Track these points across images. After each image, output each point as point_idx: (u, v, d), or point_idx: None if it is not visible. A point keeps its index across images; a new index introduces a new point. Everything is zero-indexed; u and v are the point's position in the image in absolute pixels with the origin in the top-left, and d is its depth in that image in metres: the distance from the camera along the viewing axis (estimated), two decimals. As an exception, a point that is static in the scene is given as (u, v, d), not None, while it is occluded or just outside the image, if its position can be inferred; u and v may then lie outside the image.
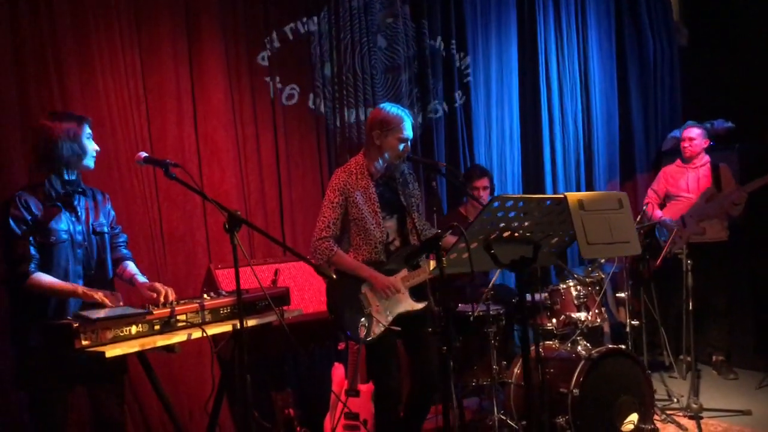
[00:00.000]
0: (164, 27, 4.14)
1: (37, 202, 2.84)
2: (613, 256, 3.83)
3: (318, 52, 4.71)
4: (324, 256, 3.38)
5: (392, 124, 3.38)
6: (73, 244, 2.92)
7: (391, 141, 3.39)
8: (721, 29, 6.28)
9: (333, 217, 3.40)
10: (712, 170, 5.23)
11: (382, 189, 3.49)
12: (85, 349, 2.40)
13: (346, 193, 3.40)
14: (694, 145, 5.27)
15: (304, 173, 4.67)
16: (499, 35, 5.59)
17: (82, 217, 2.99)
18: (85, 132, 2.96)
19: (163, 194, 4.14)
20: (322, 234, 3.39)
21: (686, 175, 5.34)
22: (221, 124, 4.31)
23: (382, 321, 3.33)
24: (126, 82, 4.00)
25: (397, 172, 3.51)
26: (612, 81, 6.16)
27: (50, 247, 2.83)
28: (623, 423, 3.78)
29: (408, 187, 3.56)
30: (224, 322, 2.89)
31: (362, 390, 3.97)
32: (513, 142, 5.65)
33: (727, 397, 4.79)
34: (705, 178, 5.25)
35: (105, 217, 3.10)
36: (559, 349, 4.10)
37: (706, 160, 5.31)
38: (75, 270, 2.91)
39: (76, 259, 2.93)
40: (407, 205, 3.48)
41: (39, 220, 2.81)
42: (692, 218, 5.10)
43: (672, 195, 5.38)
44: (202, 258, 4.23)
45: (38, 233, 2.80)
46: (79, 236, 2.95)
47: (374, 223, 3.40)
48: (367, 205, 3.40)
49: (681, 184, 5.34)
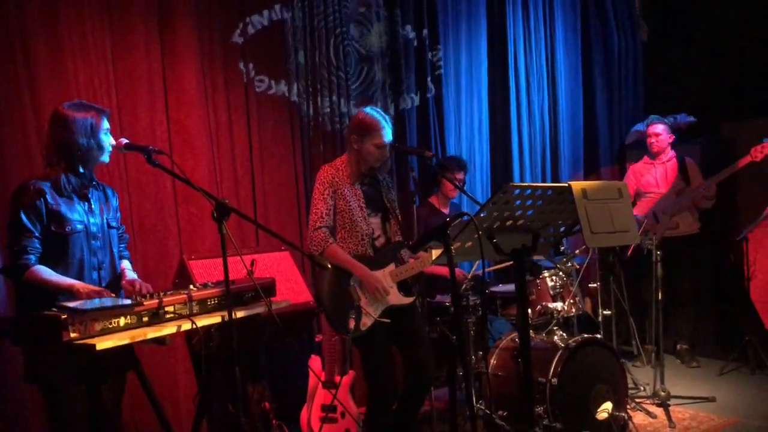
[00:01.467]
0: (136, 10, 3.99)
1: (53, 193, 2.76)
2: (615, 244, 3.89)
3: (292, 40, 4.63)
4: (319, 246, 3.36)
5: (369, 129, 3.38)
6: (88, 235, 2.86)
7: (368, 147, 3.39)
8: (680, 25, 6.43)
9: (325, 208, 3.39)
10: (679, 164, 5.35)
11: (368, 187, 3.50)
12: (74, 341, 2.29)
13: (334, 186, 3.40)
14: (661, 140, 5.38)
15: (278, 162, 4.59)
16: (469, 27, 5.60)
17: (97, 209, 2.93)
18: (103, 126, 2.87)
19: (133, 183, 4.01)
20: (317, 224, 3.37)
21: (654, 171, 5.45)
22: (193, 110, 4.20)
23: (371, 313, 3.31)
24: (96, 66, 3.86)
25: (381, 174, 3.52)
26: (577, 74, 6.25)
27: (65, 237, 2.76)
28: (598, 411, 3.84)
29: (390, 191, 3.58)
30: (212, 313, 2.81)
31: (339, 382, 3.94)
32: (482, 134, 5.68)
33: (691, 385, 4.92)
34: (672, 172, 5.37)
35: (115, 212, 3.06)
36: (535, 339, 4.14)
37: (672, 155, 5.42)
38: (90, 262, 2.87)
39: (92, 251, 2.87)
40: (389, 205, 3.50)
41: (54, 211, 2.74)
42: (664, 213, 5.20)
43: (642, 192, 5.47)
44: (173, 249, 4.12)
45: (53, 223, 2.73)
46: (94, 227, 2.89)
47: (361, 216, 3.40)
48: (354, 200, 3.40)
49: (650, 180, 5.44)
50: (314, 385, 3.97)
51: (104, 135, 2.88)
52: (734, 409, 4.45)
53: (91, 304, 2.39)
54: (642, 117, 6.17)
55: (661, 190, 5.35)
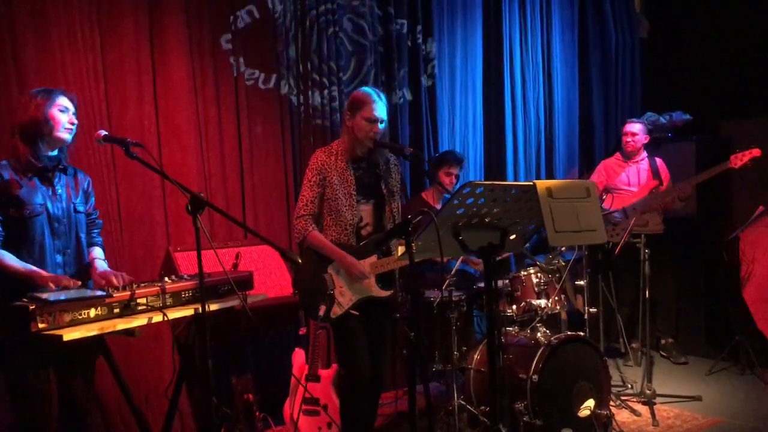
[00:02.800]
0: (125, 2, 4.01)
1: (11, 175, 2.82)
2: (580, 243, 3.87)
3: (283, 33, 4.63)
4: (300, 234, 3.40)
5: (359, 103, 3.39)
6: (50, 218, 2.91)
7: (359, 121, 3.39)
8: (681, 22, 6.38)
9: (311, 196, 3.40)
10: (651, 165, 5.32)
11: (363, 173, 3.49)
12: (42, 332, 2.32)
13: (323, 173, 3.40)
14: (636, 140, 5.35)
15: (267, 156, 4.60)
16: (464, 21, 5.58)
17: (63, 194, 2.98)
18: (53, 103, 2.92)
19: (120, 174, 4.04)
20: (300, 212, 3.41)
21: (626, 170, 5.42)
22: (182, 103, 4.22)
23: (343, 303, 3.33)
24: (84, 57, 3.88)
25: (381, 158, 3.50)
26: (573, 71, 6.22)
27: (25, 221, 2.82)
28: (580, 408, 3.84)
29: (392, 176, 3.56)
30: (185, 306, 2.84)
31: (323, 375, 3.96)
32: (476, 129, 5.66)
33: (678, 384, 4.91)
34: (645, 171, 5.36)
35: (83, 197, 3.10)
36: (519, 335, 4.14)
37: (644, 155, 5.41)
38: (53, 245, 2.92)
39: (54, 234, 2.93)
40: (387, 193, 3.48)
41: (12, 194, 2.80)
42: (635, 210, 5.17)
43: (611, 188, 5.44)
44: (160, 240, 4.15)
45: (12, 206, 2.79)
46: (58, 211, 2.94)
47: (347, 204, 3.39)
48: (342, 187, 3.39)
49: (622, 178, 5.42)
50: (298, 377, 3.98)
51: (57, 112, 2.93)
52: (720, 409, 4.44)
53: (61, 295, 2.42)
54: (639, 114, 6.13)
55: (632, 188, 5.34)
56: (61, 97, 2.97)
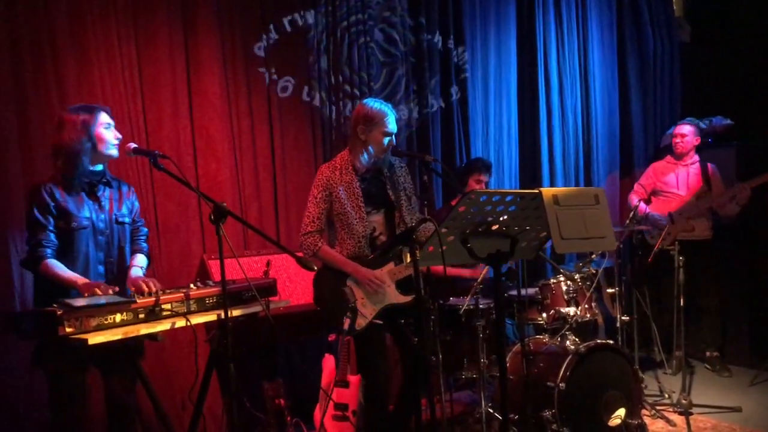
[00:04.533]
0: (160, 18, 4.16)
1: (61, 191, 2.97)
2: (587, 250, 3.84)
3: (314, 45, 4.72)
4: (309, 251, 3.46)
5: (376, 118, 3.44)
6: (95, 231, 3.04)
7: (376, 135, 3.44)
8: (723, 26, 6.27)
9: (317, 212, 3.47)
10: (702, 169, 5.23)
11: (369, 184, 3.54)
12: (69, 336, 2.44)
13: (329, 189, 3.47)
14: (686, 142, 5.27)
15: (299, 166, 4.69)
16: (498, 29, 5.59)
17: (106, 206, 3.11)
18: (97, 121, 3.04)
19: (158, 185, 4.17)
20: (307, 229, 3.48)
21: (676, 172, 5.34)
22: (217, 115, 4.34)
23: (366, 314, 3.38)
24: (122, 73, 4.03)
25: (385, 166, 3.56)
26: (612, 76, 6.16)
27: (72, 233, 2.96)
28: (610, 417, 3.80)
29: (398, 181, 3.59)
30: (209, 311, 2.92)
31: (351, 381, 4.01)
32: (511, 137, 5.65)
33: (718, 394, 4.80)
34: (695, 176, 5.26)
35: (128, 208, 3.23)
36: (549, 343, 4.12)
37: (696, 159, 5.32)
38: (96, 256, 3.05)
39: (98, 246, 3.06)
40: (395, 199, 3.51)
41: (62, 208, 2.94)
42: (681, 215, 5.09)
43: (659, 191, 5.38)
44: (196, 248, 4.27)
45: (61, 219, 2.94)
46: (101, 224, 3.07)
47: (357, 217, 3.44)
48: (350, 200, 3.44)
49: (670, 180, 5.34)
50: (327, 383, 4.05)
51: (102, 129, 3.05)
52: (760, 421, 4.32)
53: (87, 301, 2.53)
54: (678, 119, 6.03)
55: (680, 191, 5.25)
56: (102, 114, 3.08)
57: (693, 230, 5.06)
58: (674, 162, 5.39)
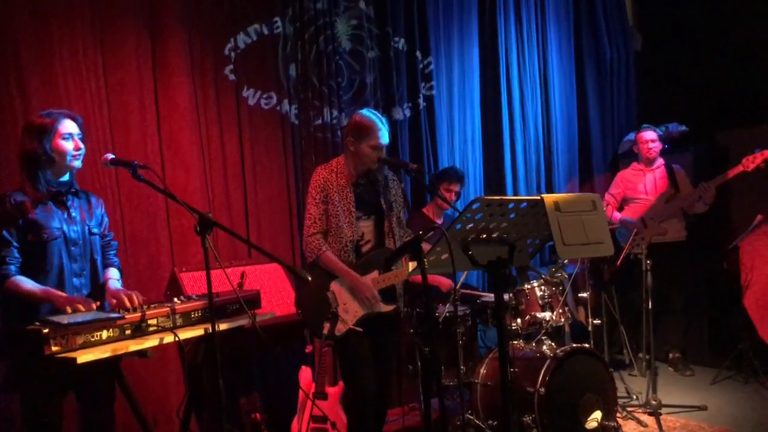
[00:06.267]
0: (127, 26, 4.07)
1: (28, 201, 2.82)
2: (588, 256, 3.91)
3: (283, 54, 4.68)
4: (313, 253, 3.42)
5: (365, 131, 3.42)
6: (68, 242, 2.91)
7: (365, 148, 3.42)
8: (673, 35, 6.44)
9: (318, 213, 3.43)
10: (668, 172, 5.37)
11: (362, 190, 3.51)
12: (55, 355, 2.33)
13: (326, 190, 3.44)
14: (656, 146, 5.41)
15: (270, 175, 4.63)
16: (461, 38, 5.64)
17: (77, 217, 2.98)
18: (55, 130, 2.88)
19: (125, 196, 4.06)
20: (311, 230, 3.43)
21: (643, 178, 5.47)
22: (185, 124, 4.25)
23: (347, 320, 3.35)
24: (87, 81, 3.92)
25: (380, 175, 3.53)
26: (571, 84, 6.28)
27: (43, 245, 2.82)
28: (587, 420, 3.85)
29: (390, 192, 3.58)
30: (195, 326, 2.84)
31: (330, 393, 3.96)
32: (475, 145, 5.71)
33: (684, 394, 4.92)
34: (662, 180, 5.39)
35: (97, 220, 3.10)
36: (525, 348, 4.16)
37: (661, 163, 5.46)
38: (71, 268, 2.92)
39: (72, 258, 2.93)
40: (386, 209, 3.50)
41: (30, 219, 2.80)
42: (653, 219, 5.22)
43: (630, 198, 5.50)
44: (165, 261, 4.17)
45: (30, 232, 2.79)
46: (73, 234, 2.94)
47: (347, 222, 3.42)
48: (342, 204, 3.42)
49: (639, 187, 5.47)
50: (305, 395, 3.99)
51: (61, 140, 2.89)
52: (726, 418, 4.44)
53: (73, 318, 2.43)
54: (635, 126, 6.19)
55: (650, 197, 5.38)
56: (64, 122, 2.92)
57: (666, 233, 5.18)
58: (641, 168, 5.52)
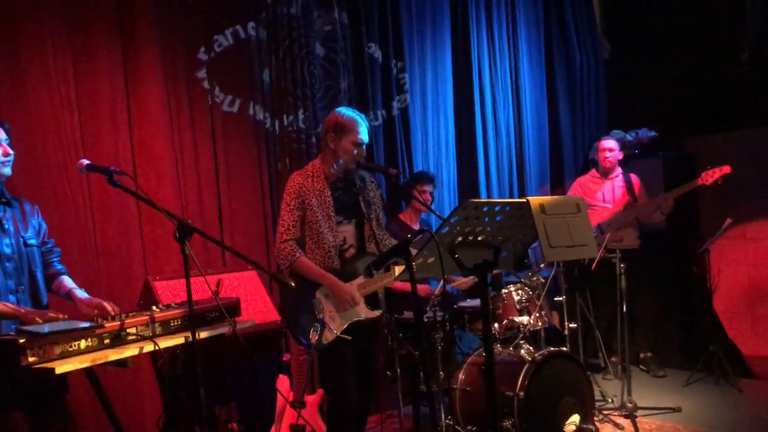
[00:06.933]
0: (98, 31, 3.98)
1: None
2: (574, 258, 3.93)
3: (257, 59, 4.63)
4: (287, 260, 3.34)
5: (347, 127, 3.38)
6: (1, 257, 2.77)
7: (346, 145, 3.38)
8: (641, 42, 6.55)
9: (292, 220, 3.36)
10: (626, 181, 5.43)
11: (341, 193, 3.46)
12: (33, 366, 2.26)
13: (302, 196, 3.37)
14: (613, 156, 5.47)
15: (244, 181, 4.57)
16: (434, 45, 5.65)
17: (10, 228, 2.84)
18: None
19: (97, 204, 3.97)
20: (284, 237, 3.36)
21: (602, 186, 5.53)
22: (158, 131, 4.17)
23: (334, 328, 3.30)
24: (57, 87, 3.82)
25: (357, 177, 3.49)
26: (542, 91, 6.34)
27: None
28: (566, 424, 3.86)
29: (368, 194, 3.54)
30: (175, 334, 2.78)
31: (308, 401, 3.92)
32: (449, 150, 5.72)
33: (657, 396, 4.98)
34: (620, 188, 5.45)
35: (34, 229, 2.95)
36: (503, 353, 4.16)
37: (620, 172, 5.52)
38: (6, 285, 2.77)
39: (6, 274, 2.78)
40: (366, 212, 3.46)
41: None
42: (610, 226, 5.26)
43: (588, 205, 5.53)
44: (138, 270, 4.08)
45: None
46: (7, 249, 2.80)
47: (327, 227, 3.37)
48: (321, 209, 3.36)
49: (597, 194, 5.52)
50: (282, 404, 3.94)
51: None
52: (699, 419, 4.52)
53: (51, 327, 2.36)
54: (605, 132, 6.27)
55: (607, 204, 5.43)
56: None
57: (621, 240, 5.24)
58: (599, 177, 5.57)
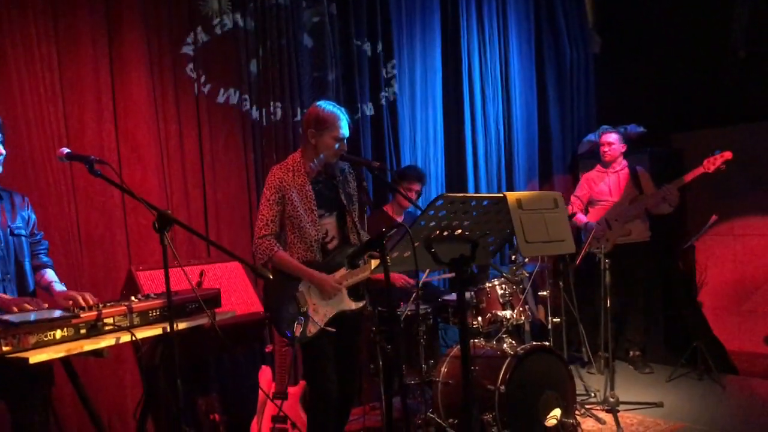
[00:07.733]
0: (82, 18, 3.95)
1: None
2: (550, 253, 3.95)
3: (244, 49, 4.61)
4: (265, 255, 3.32)
5: (327, 122, 3.36)
6: None
7: (327, 140, 3.36)
8: (632, 38, 6.55)
9: (271, 215, 3.34)
10: (631, 173, 5.44)
11: (322, 186, 3.44)
12: (6, 355, 2.25)
13: (282, 191, 3.35)
14: (613, 149, 5.47)
15: (230, 173, 4.56)
16: (423, 37, 5.63)
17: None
18: None
19: (80, 193, 3.96)
20: (262, 232, 3.33)
21: (607, 180, 5.54)
22: (143, 120, 4.16)
23: (318, 320, 3.30)
24: (42, 76, 3.81)
25: (337, 170, 3.48)
26: (531, 85, 6.33)
27: None
28: (547, 418, 3.88)
29: (349, 184, 3.53)
30: (153, 325, 2.78)
31: (290, 392, 3.93)
32: (437, 143, 5.71)
33: (640, 391, 5.00)
34: (625, 181, 5.46)
35: (23, 220, 2.96)
36: (485, 347, 4.17)
37: (624, 164, 5.52)
38: None
39: None
40: (347, 204, 3.45)
41: None
42: (617, 221, 5.28)
43: (594, 200, 5.56)
44: (121, 260, 4.08)
45: None
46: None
47: (309, 221, 3.34)
48: (302, 203, 3.34)
49: (603, 188, 5.53)
50: (265, 396, 3.94)
51: None
52: (681, 414, 4.53)
53: (25, 317, 2.35)
54: (594, 127, 6.28)
55: (614, 198, 5.45)
56: None
57: (630, 234, 5.25)
58: (603, 170, 5.58)
